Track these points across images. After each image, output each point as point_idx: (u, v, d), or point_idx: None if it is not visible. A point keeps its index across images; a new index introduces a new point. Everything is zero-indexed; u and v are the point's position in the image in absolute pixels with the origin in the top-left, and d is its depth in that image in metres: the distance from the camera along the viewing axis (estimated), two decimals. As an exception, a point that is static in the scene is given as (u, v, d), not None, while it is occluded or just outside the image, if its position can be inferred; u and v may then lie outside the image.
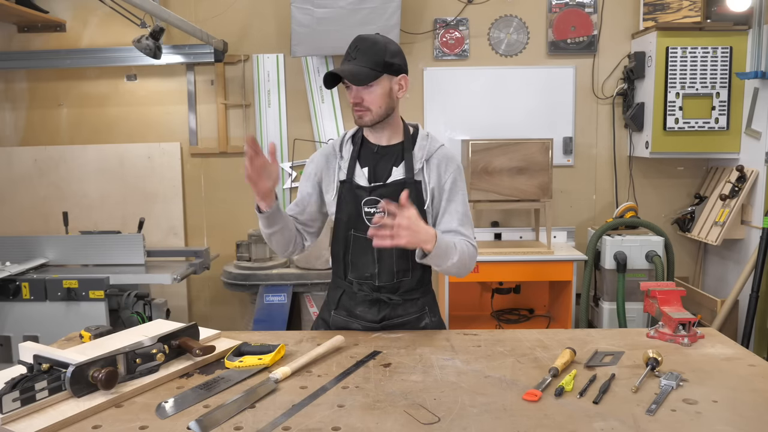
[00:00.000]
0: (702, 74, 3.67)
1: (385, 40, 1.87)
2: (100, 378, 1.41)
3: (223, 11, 4.05)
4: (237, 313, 4.27)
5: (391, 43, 1.88)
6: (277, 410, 1.38)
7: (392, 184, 1.90)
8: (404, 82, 1.90)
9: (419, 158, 1.92)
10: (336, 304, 2.02)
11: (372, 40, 1.85)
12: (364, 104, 1.85)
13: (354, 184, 1.92)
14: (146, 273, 3.43)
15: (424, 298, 2.02)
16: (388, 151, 1.95)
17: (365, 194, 1.91)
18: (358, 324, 1.98)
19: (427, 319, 2.00)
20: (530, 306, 4.17)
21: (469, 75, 4.05)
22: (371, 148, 1.96)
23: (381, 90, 1.85)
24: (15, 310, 3.20)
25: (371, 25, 3.62)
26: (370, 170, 1.93)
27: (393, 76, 1.87)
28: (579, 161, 4.12)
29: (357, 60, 1.82)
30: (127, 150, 4.14)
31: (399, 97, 1.90)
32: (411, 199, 1.82)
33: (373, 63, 1.82)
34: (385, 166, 1.93)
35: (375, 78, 1.82)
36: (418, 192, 1.90)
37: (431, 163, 1.93)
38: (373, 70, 1.82)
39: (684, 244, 4.13)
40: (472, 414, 1.36)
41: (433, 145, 1.96)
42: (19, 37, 4.11)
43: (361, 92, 1.85)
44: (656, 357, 1.58)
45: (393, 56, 1.85)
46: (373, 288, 1.95)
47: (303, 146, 4.10)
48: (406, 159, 1.91)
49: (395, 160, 1.93)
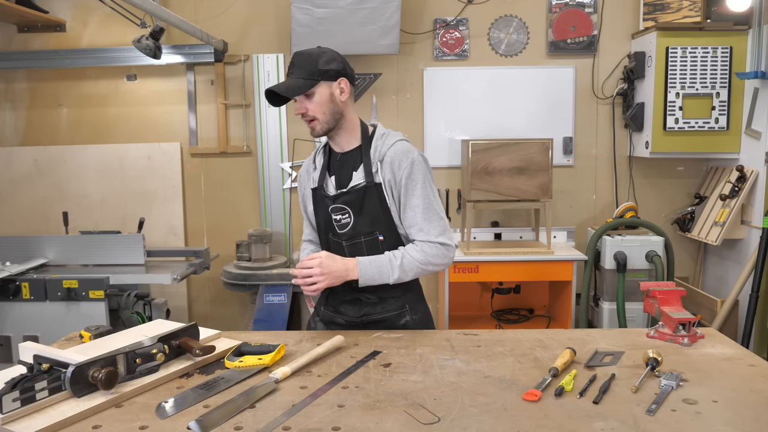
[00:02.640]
0: (702, 74, 3.67)
1: (319, 50, 1.93)
2: (100, 378, 1.41)
3: (223, 11, 4.05)
4: (237, 313, 4.27)
5: (328, 51, 1.94)
6: (277, 410, 1.38)
7: (353, 190, 1.96)
8: (344, 84, 1.93)
9: (374, 160, 1.96)
10: (325, 300, 2.13)
11: (306, 53, 1.92)
12: (309, 114, 1.91)
13: (322, 193, 2.01)
14: (146, 273, 3.43)
15: (404, 296, 2.05)
16: (348, 157, 2.00)
17: (331, 202, 1.99)
18: (342, 319, 2.08)
19: (407, 317, 2.05)
20: (530, 306, 4.17)
21: (469, 75, 4.05)
22: (335, 155, 2.03)
23: (321, 97, 1.90)
24: (15, 310, 3.20)
25: (371, 25, 3.63)
26: (336, 178, 2.01)
27: (331, 81, 1.91)
28: (579, 161, 4.12)
29: (293, 74, 1.90)
30: (127, 150, 4.14)
31: (343, 100, 1.94)
32: (373, 202, 1.93)
33: (308, 73, 1.88)
34: (347, 173, 1.99)
35: (310, 86, 1.88)
36: (379, 193, 1.95)
37: (384, 162, 1.95)
38: (308, 80, 1.88)
39: (684, 244, 4.13)
40: (472, 414, 1.36)
41: (387, 143, 1.97)
42: (19, 37, 4.11)
43: (304, 103, 1.91)
44: (656, 357, 1.58)
45: (327, 63, 1.90)
46: (351, 288, 2.01)
47: (303, 146, 4.10)
48: (365, 163, 1.96)
49: (354, 164, 1.99)
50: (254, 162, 4.16)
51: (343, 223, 1.98)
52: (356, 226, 1.96)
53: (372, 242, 1.97)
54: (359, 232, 1.96)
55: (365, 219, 1.95)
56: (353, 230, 1.97)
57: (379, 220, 1.96)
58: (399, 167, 1.93)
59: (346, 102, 1.95)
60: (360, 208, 1.95)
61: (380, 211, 1.95)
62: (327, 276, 1.88)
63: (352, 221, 1.96)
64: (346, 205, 1.96)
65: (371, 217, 1.95)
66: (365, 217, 1.95)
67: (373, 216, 1.95)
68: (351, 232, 1.97)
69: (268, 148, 4.13)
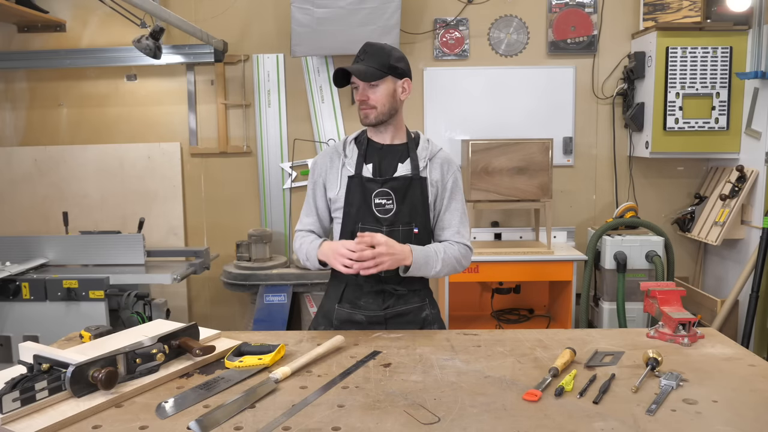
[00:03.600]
0: (702, 74, 3.67)
1: (391, 47, 2.03)
2: (100, 378, 1.41)
3: (223, 11, 4.05)
4: (237, 313, 4.27)
5: (397, 50, 2.04)
6: (277, 410, 1.38)
7: (401, 177, 2.01)
8: (407, 85, 2.04)
9: (423, 157, 2.06)
10: (340, 297, 2.07)
11: (379, 46, 2.01)
12: (370, 102, 1.98)
13: (363, 178, 2.02)
14: (146, 273, 3.43)
15: (425, 290, 2.12)
16: (392, 149, 2.07)
17: (376, 186, 2.01)
18: (362, 315, 2.04)
19: (427, 311, 2.10)
20: (530, 306, 4.17)
21: (469, 75, 4.05)
22: (376, 146, 2.08)
23: (385, 90, 1.98)
24: (15, 310, 3.20)
25: (371, 25, 3.63)
26: (375, 166, 2.04)
27: (397, 78, 2.01)
28: (579, 161, 4.12)
29: (365, 61, 1.97)
30: (127, 150, 4.14)
31: (402, 99, 2.04)
32: (416, 194, 2.00)
33: (380, 64, 1.96)
34: (391, 162, 2.05)
35: (380, 77, 1.96)
36: (423, 187, 2.03)
37: (434, 162, 2.07)
38: (379, 70, 1.96)
39: (684, 244, 4.13)
40: (472, 414, 1.36)
41: (435, 147, 2.11)
42: (19, 37, 4.11)
43: (367, 91, 1.98)
44: (656, 357, 1.58)
45: (398, 61, 2.00)
46: (378, 279, 2.01)
47: (303, 146, 4.10)
48: (411, 157, 2.04)
49: (400, 157, 2.06)
50: (254, 162, 4.16)
51: (387, 209, 2.01)
52: (398, 214, 2.00)
53: (407, 233, 2.01)
54: (399, 221, 2.01)
55: (406, 209, 2.01)
56: (395, 217, 2.00)
57: (417, 213, 2.02)
58: (449, 170, 2.07)
59: (403, 102, 2.05)
60: (403, 196, 2.00)
61: (420, 204, 2.02)
62: (391, 257, 1.86)
63: (395, 208, 2.00)
64: (392, 191, 2.00)
65: (411, 208, 2.01)
66: (406, 207, 2.01)
67: (413, 207, 2.01)
68: (392, 219, 2.00)
69: (268, 148, 4.13)
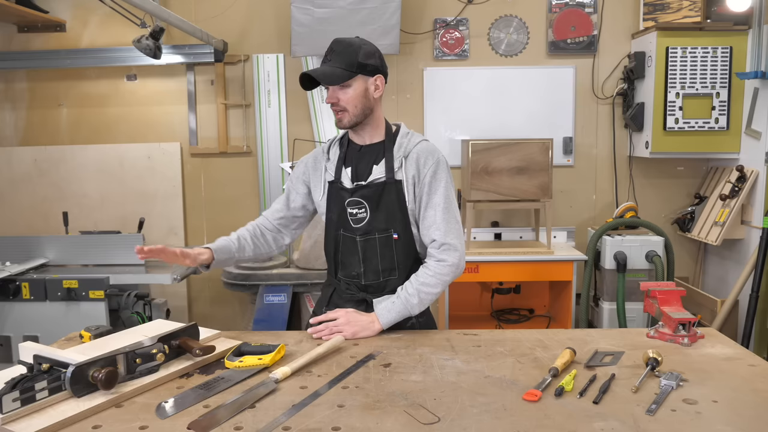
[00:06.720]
0: (702, 74, 3.67)
1: (360, 41, 1.90)
2: (100, 378, 1.41)
3: (223, 11, 4.05)
4: (237, 313, 4.27)
5: (367, 44, 1.91)
6: (277, 410, 1.38)
7: (372, 184, 1.94)
8: (380, 82, 1.92)
9: (398, 156, 1.95)
10: (327, 300, 2.08)
11: (347, 42, 1.88)
12: (340, 104, 1.89)
13: (339, 185, 1.97)
14: (146, 273, 3.42)
15: None
16: (370, 150, 1.99)
17: (348, 196, 1.96)
18: None
19: (413, 319, 2.00)
20: (530, 306, 4.17)
21: (469, 75, 4.05)
22: (355, 147, 2.01)
23: (356, 90, 1.88)
24: (15, 310, 3.20)
25: (371, 25, 3.62)
26: (353, 169, 1.97)
27: (368, 76, 1.90)
28: (579, 161, 4.12)
29: (332, 61, 1.86)
30: (127, 150, 4.14)
31: (376, 97, 1.93)
32: (391, 199, 1.91)
33: (347, 64, 1.85)
34: (366, 165, 1.97)
35: (348, 78, 1.85)
36: (398, 190, 1.93)
37: (410, 158, 1.95)
38: (346, 71, 1.85)
39: (684, 244, 4.13)
40: (472, 414, 1.36)
41: (412, 141, 1.98)
42: (19, 37, 4.11)
43: (337, 93, 1.88)
44: (656, 357, 1.58)
45: (367, 57, 1.87)
46: (359, 287, 1.99)
47: (303, 146, 4.10)
48: (387, 158, 1.94)
49: (376, 157, 1.97)
50: (254, 162, 4.16)
51: (359, 218, 1.95)
52: (372, 222, 1.94)
53: (386, 240, 1.95)
54: (375, 228, 1.94)
55: (381, 215, 1.94)
56: (369, 225, 1.94)
57: (395, 218, 1.94)
58: (425, 164, 1.93)
59: (378, 99, 1.94)
60: (377, 203, 1.93)
61: (397, 209, 1.93)
62: (353, 326, 1.86)
63: (369, 216, 1.94)
64: (364, 200, 1.93)
65: (387, 214, 1.93)
66: (381, 213, 1.93)
67: (389, 213, 1.93)
68: (366, 228, 1.95)
69: (268, 148, 4.13)
